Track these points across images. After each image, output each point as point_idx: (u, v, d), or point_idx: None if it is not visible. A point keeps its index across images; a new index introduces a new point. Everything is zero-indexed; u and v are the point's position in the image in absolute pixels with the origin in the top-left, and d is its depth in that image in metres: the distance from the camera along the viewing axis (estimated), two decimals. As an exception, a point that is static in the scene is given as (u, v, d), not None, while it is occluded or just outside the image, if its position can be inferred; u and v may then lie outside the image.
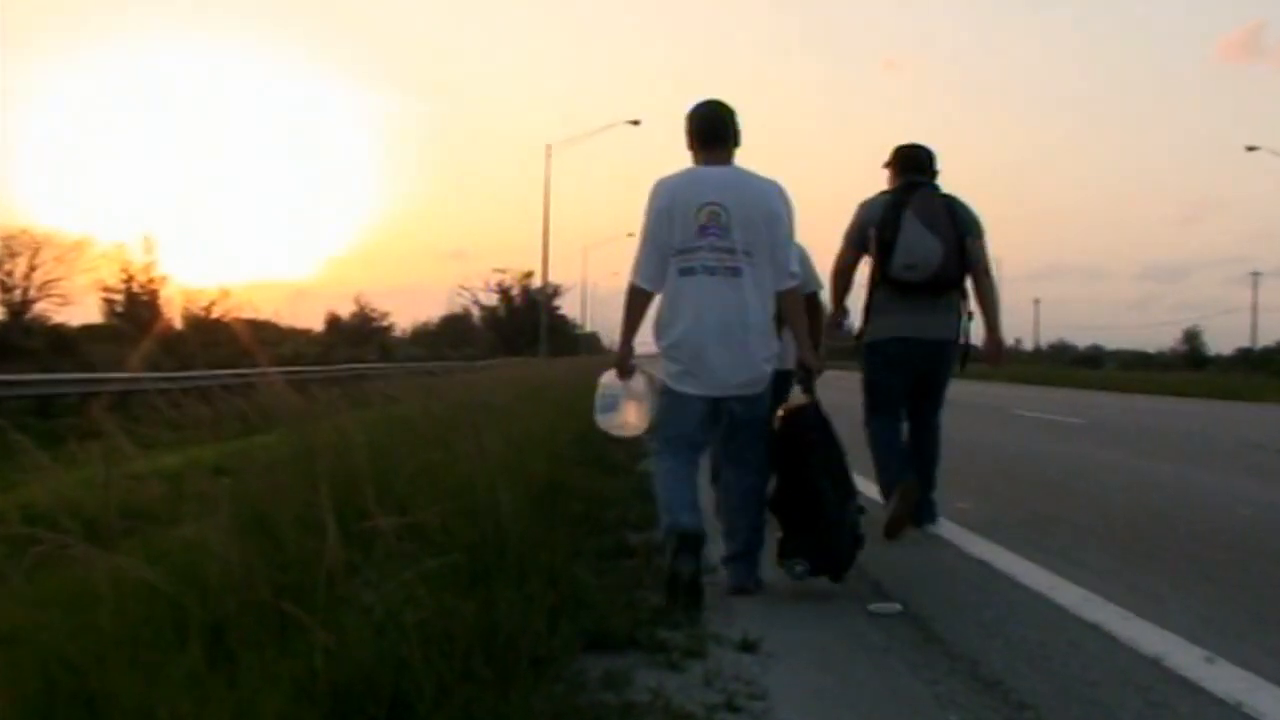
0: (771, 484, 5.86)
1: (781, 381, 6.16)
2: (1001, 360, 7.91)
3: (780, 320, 5.96)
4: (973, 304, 7.70)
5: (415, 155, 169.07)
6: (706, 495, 6.39)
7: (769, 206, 5.70)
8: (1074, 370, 72.05)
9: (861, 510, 5.84)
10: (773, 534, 5.91)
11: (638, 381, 6.04)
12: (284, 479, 5.84)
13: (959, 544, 7.18)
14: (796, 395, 6.02)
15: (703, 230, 5.58)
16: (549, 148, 56.88)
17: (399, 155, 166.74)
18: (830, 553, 5.71)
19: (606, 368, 6.32)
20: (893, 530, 7.28)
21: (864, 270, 7.73)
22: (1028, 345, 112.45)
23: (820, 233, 8.54)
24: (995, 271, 7.72)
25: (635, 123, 57.15)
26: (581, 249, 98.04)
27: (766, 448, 5.85)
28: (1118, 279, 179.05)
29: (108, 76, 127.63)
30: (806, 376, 6.00)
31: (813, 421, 5.84)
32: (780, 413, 5.93)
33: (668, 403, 5.80)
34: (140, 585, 3.58)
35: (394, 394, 12.65)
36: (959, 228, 7.49)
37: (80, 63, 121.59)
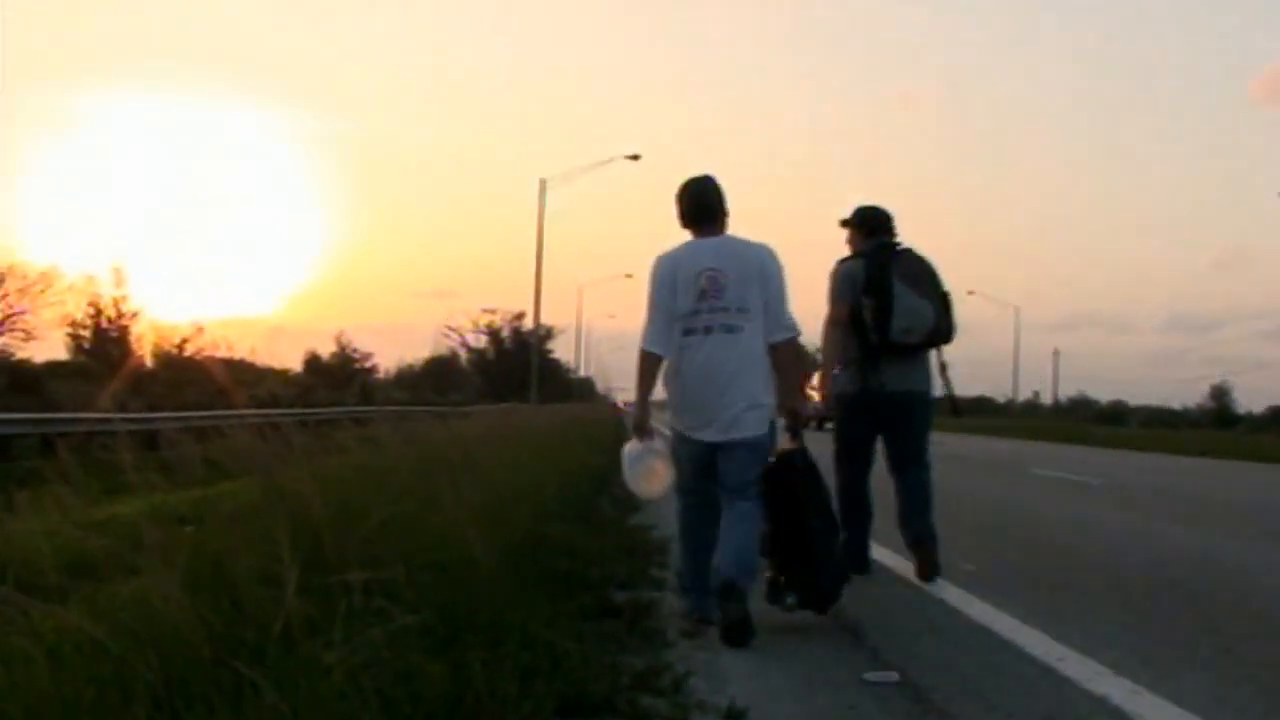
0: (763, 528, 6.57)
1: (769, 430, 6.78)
2: (959, 408, 9.30)
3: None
4: (945, 355, 8.43)
5: (401, 188, 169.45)
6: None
7: (762, 267, 6.55)
8: (1094, 427, 72.07)
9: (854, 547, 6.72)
10: (762, 574, 6.53)
11: (659, 441, 6.78)
12: (248, 529, 5.82)
13: (962, 609, 7.17)
14: (784, 441, 6.78)
15: (702, 294, 6.49)
16: (543, 182, 56.90)
17: (384, 187, 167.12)
18: (818, 588, 6.59)
19: (600, 414, 6.56)
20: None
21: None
22: (1046, 399, 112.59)
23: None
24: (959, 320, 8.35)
25: (635, 157, 57.27)
26: (576, 289, 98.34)
27: (755, 494, 6.54)
28: (1143, 331, 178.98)
29: (77, 103, 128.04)
30: (795, 423, 6.82)
31: (800, 466, 6.66)
32: (770, 458, 6.65)
33: (677, 449, 6.70)
34: (85, 642, 3.56)
35: (373, 439, 12.63)
36: (938, 287, 8.18)
37: (49, 89, 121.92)
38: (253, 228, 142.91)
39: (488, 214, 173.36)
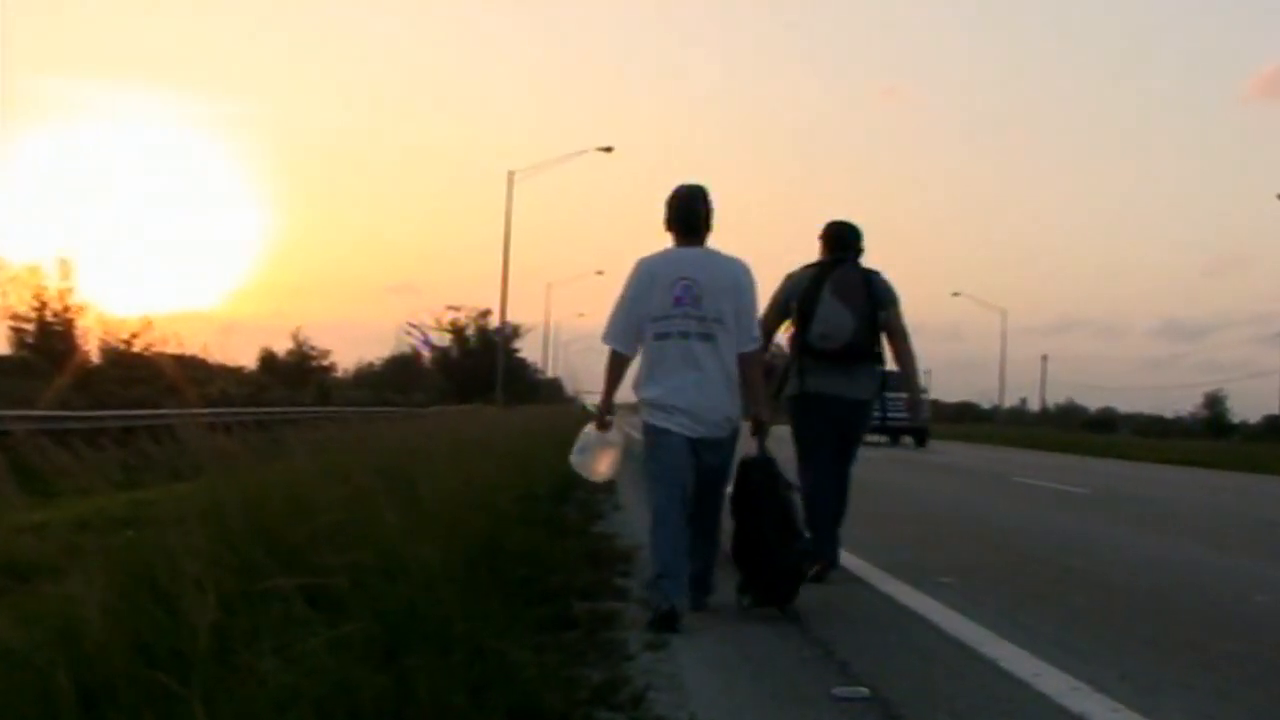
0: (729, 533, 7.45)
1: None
2: (921, 413, 10.19)
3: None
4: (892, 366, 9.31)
5: (363, 179, 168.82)
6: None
7: (735, 280, 7.28)
8: (1083, 435, 72.37)
9: (807, 552, 7.60)
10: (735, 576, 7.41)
11: (615, 434, 7.59)
12: (191, 533, 5.78)
13: (937, 623, 7.17)
14: (750, 447, 7.51)
15: (677, 301, 7.13)
16: (511, 175, 56.95)
17: (345, 179, 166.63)
18: (774, 589, 7.32)
19: (568, 416, 6.62)
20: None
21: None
22: (1033, 405, 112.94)
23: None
24: (912, 337, 9.20)
25: (607, 149, 57.40)
26: (545, 286, 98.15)
27: (722, 492, 7.42)
28: (1134, 336, 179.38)
29: (20, 89, 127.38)
30: (759, 430, 7.56)
31: (762, 471, 7.47)
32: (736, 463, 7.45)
33: (653, 440, 7.22)
34: (4, 650, 3.52)
35: (329, 440, 12.60)
36: (873, 301, 8.98)
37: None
38: (207, 218, 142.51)
39: (453, 207, 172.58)
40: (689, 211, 7.35)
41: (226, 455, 8.68)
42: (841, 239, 9.29)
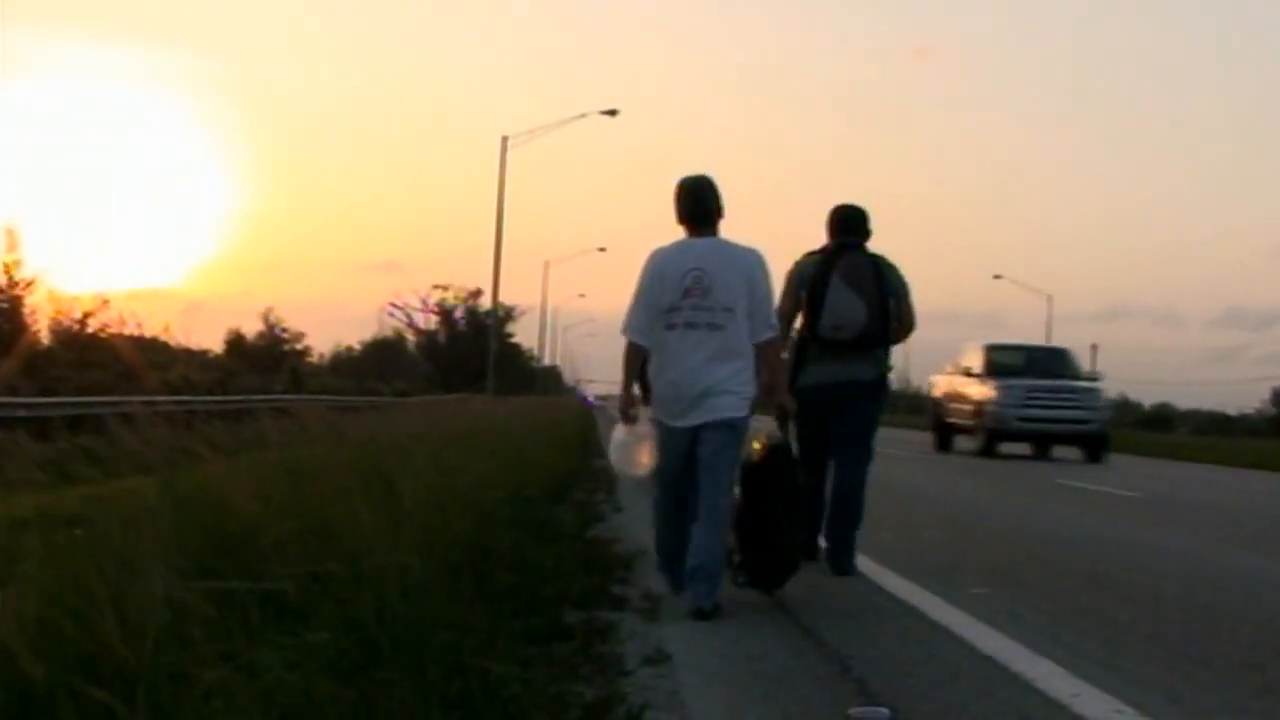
0: (735, 503, 8.03)
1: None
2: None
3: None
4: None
5: (342, 145, 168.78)
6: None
7: (748, 271, 7.90)
8: (1136, 433, 72.22)
9: (808, 544, 8.68)
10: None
11: (644, 426, 8.21)
12: (144, 533, 5.79)
13: (967, 637, 7.18)
14: (772, 433, 8.34)
15: (687, 292, 7.80)
16: (505, 140, 56.86)
17: (323, 144, 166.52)
18: (769, 573, 8.12)
19: (567, 410, 6.70)
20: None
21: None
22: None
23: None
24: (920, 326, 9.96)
25: (612, 113, 57.25)
26: (542, 264, 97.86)
27: (729, 482, 7.94)
28: (1193, 325, 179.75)
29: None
30: (781, 416, 8.37)
31: (781, 458, 8.26)
32: (757, 445, 8.24)
33: (659, 436, 8.04)
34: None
35: (301, 432, 12.63)
36: (883, 289, 9.54)
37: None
38: (170, 187, 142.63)
39: (441, 177, 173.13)
40: (696, 203, 8.04)
41: (187, 448, 8.71)
42: (848, 223, 9.81)
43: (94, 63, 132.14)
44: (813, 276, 9.54)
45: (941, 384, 37.07)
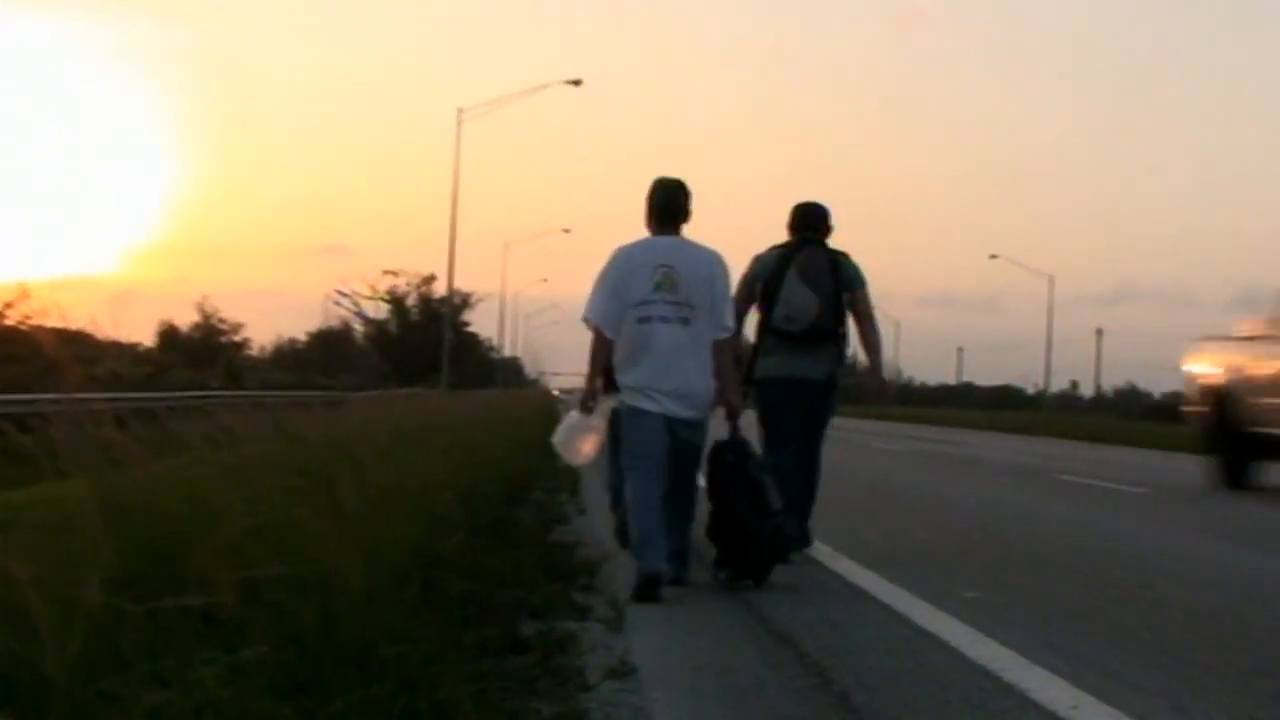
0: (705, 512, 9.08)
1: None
2: (888, 395, 13.33)
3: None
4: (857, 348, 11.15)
5: (283, 119, 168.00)
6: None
7: (709, 270, 8.94)
8: (1145, 425, 72.32)
9: (779, 528, 8.92)
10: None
11: (598, 418, 9.16)
12: (66, 542, 5.79)
13: (958, 645, 7.20)
14: (721, 429, 9.15)
15: (658, 287, 8.72)
16: (460, 113, 56.86)
17: (261, 118, 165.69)
18: (748, 561, 8.90)
19: (529, 403, 6.73)
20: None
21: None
22: (1085, 390, 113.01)
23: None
24: (879, 318, 11.12)
25: (576, 83, 57.32)
26: (501, 247, 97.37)
27: (697, 470, 9.12)
28: (1206, 307, 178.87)
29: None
30: (731, 414, 9.14)
31: (735, 451, 9.14)
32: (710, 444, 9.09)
33: (631, 422, 8.89)
34: None
35: (239, 432, 12.61)
36: (839, 284, 10.55)
37: None
38: (96, 165, 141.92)
39: (391, 153, 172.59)
40: (669, 202, 9.04)
41: (114, 449, 8.69)
42: (808, 220, 10.87)
43: (14, 33, 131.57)
44: (771, 270, 10.56)
45: (1231, 363, 21.30)
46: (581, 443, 9.24)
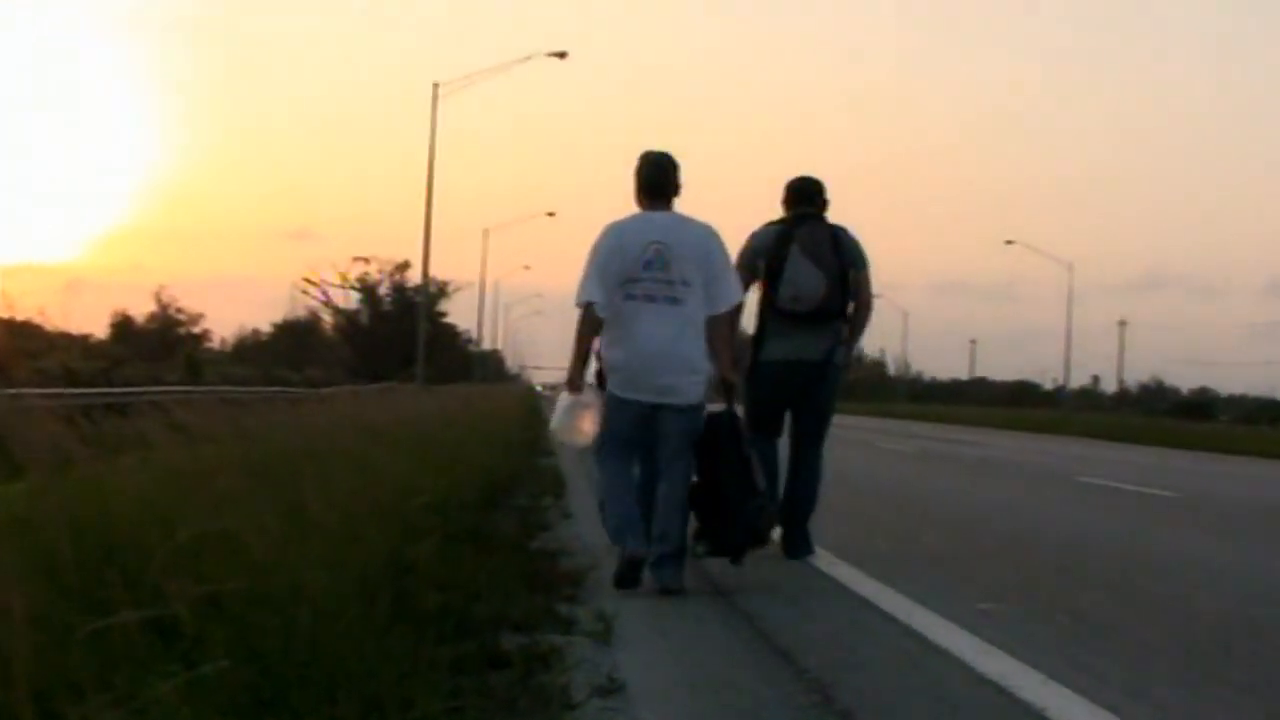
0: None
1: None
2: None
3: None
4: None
5: (248, 95, 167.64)
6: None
7: (704, 245, 9.20)
8: (1171, 423, 72.46)
9: (762, 508, 9.20)
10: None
11: (588, 394, 9.36)
12: (9, 550, 5.79)
13: (970, 661, 7.19)
14: (714, 404, 9.36)
15: (648, 264, 8.99)
16: (436, 88, 56.77)
17: (225, 94, 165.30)
18: (727, 540, 9.22)
19: (509, 398, 6.78)
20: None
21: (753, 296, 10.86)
22: (1108, 385, 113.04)
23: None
24: (882, 307, 11.56)
25: (561, 55, 57.24)
26: (481, 232, 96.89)
27: (688, 461, 9.24)
28: (1237, 296, 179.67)
29: None
30: (728, 391, 9.46)
31: (725, 426, 9.36)
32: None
33: (611, 404, 9.17)
34: None
35: (197, 430, 12.60)
36: (843, 260, 10.70)
37: None
38: (46, 145, 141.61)
39: (362, 131, 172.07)
40: (658, 177, 9.35)
41: (63, 449, 8.68)
42: (805, 193, 11.05)
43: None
44: (771, 247, 10.70)
45: None
46: (581, 421, 9.40)
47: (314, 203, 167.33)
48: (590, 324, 9.18)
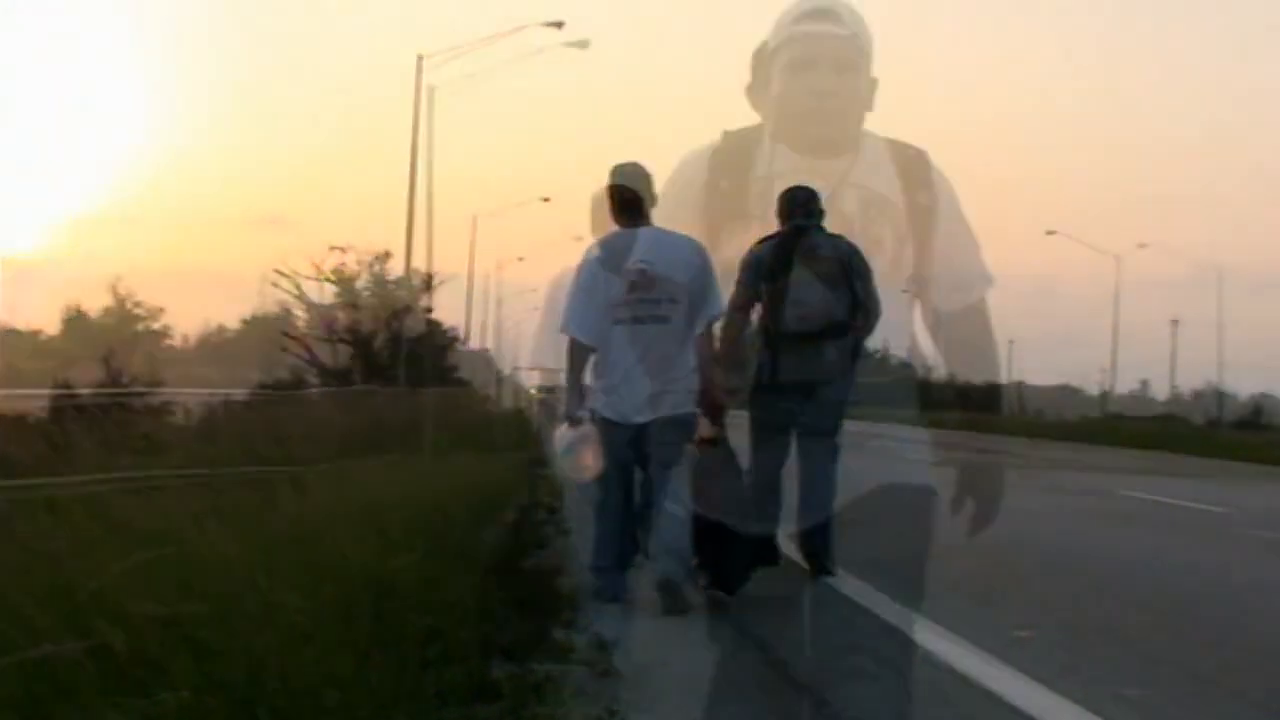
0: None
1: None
2: None
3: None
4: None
5: (215, 70, 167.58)
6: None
7: (687, 260, 9.76)
8: (1228, 432, 72.18)
9: (763, 542, 9.80)
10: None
11: (587, 427, 9.76)
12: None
13: (1004, 693, 7.16)
14: (704, 429, 9.80)
15: (633, 286, 9.50)
16: (421, 60, 56.69)
17: (188, 72, 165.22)
18: (725, 572, 9.55)
19: (502, 404, 7.02)
20: None
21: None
22: (1158, 391, 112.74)
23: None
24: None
25: (558, 25, 57.11)
26: (469, 220, 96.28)
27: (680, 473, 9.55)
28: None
29: None
30: (713, 413, 9.83)
31: (721, 458, 9.79)
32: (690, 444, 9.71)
33: (600, 430, 9.62)
34: None
35: (154, 436, 12.65)
36: (848, 273, 10.90)
37: None
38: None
39: (339, 108, 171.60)
40: (629, 194, 9.82)
41: (4, 458, 8.71)
42: (800, 203, 11.23)
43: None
44: (771, 265, 10.92)
45: None
46: (585, 456, 9.76)
47: (286, 188, 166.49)
48: (579, 355, 9.84)
